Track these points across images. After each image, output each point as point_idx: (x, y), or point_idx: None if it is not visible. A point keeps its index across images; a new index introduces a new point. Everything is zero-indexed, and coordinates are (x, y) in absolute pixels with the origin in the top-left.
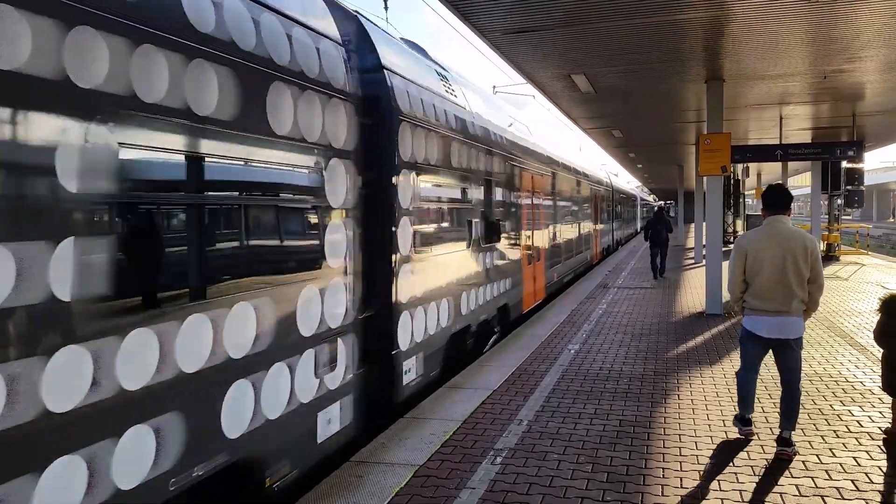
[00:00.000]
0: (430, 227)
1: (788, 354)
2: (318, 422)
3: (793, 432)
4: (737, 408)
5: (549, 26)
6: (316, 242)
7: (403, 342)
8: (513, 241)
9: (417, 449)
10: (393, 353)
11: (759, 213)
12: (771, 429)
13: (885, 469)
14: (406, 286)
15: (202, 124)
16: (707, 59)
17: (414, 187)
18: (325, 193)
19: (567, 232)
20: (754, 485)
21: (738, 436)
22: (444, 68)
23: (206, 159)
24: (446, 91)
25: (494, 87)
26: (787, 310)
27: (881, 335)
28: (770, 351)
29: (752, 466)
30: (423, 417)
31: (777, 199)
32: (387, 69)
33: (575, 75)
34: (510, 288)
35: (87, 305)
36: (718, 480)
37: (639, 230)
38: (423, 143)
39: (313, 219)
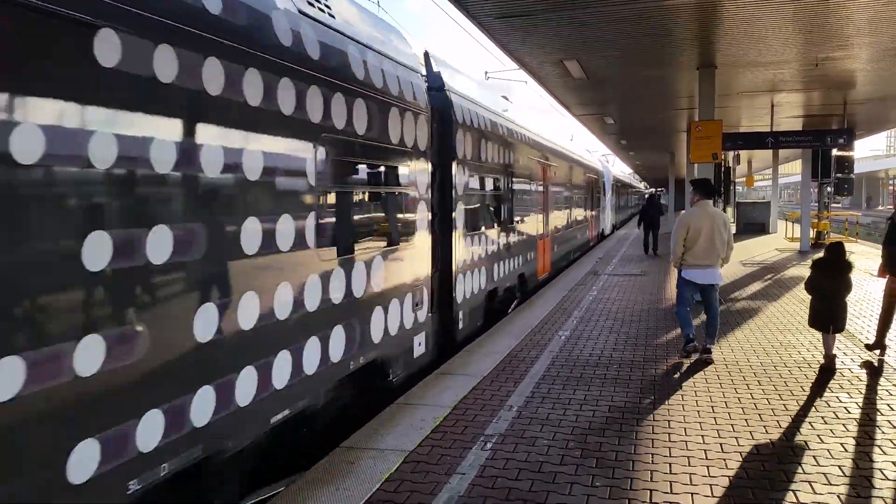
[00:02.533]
0: None
1: (711, 293)
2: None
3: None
4: (682, 333)
5: (541, 10)
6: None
7: None
8: None
9: (408, 435)
10: None
11: (748, 201)
12: (765, 427)
13: (871, 455)
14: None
15: None
16: (699, 45)
17: None
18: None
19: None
20: (743, 470)
21: (683, 358)
22: None
23: None
24: None
25: (486, 72)
26: (713, 264)
27: (810, 286)
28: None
29: (740, 453)
30: (413, 404)
31: (707, 188)
32: None
33: (567, 61)
34: None
35: None
36: (707, 466)
37: (608, 233)
38: None
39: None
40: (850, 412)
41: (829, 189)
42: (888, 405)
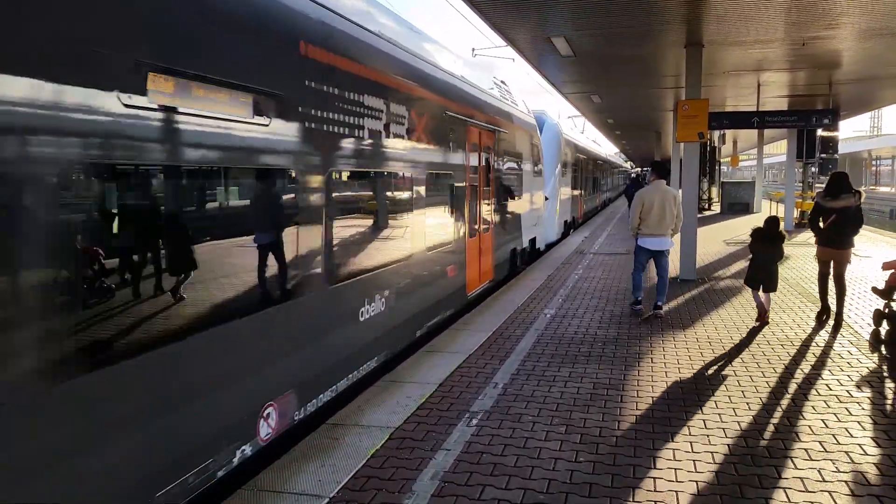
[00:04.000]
0: None
1: (662, 259)
2: None
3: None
4: (632, 295)
5: None
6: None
7: None
8: None
9: (394, 412)
10: None
11: (732, 181)
12: (747, 403)
13: (850, 431)
14: None
15: None
16: (687, 23)
17: None
18: None
19: None
20: (725, 445)
21: (634, 313)
22: None
23: None
24: None
25: (473, 49)
26: (664, 234)
27: (750, 251)
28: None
29: (723, 429)
30: (400, 381)
31: (662, 170)
32: None
33: (555, 38)
34: None
35: None
36: (690, 442)
37: (554, 238)
38: None
39: None
40: (830, 388)
41: (813, 169)
42: (868, 382)
